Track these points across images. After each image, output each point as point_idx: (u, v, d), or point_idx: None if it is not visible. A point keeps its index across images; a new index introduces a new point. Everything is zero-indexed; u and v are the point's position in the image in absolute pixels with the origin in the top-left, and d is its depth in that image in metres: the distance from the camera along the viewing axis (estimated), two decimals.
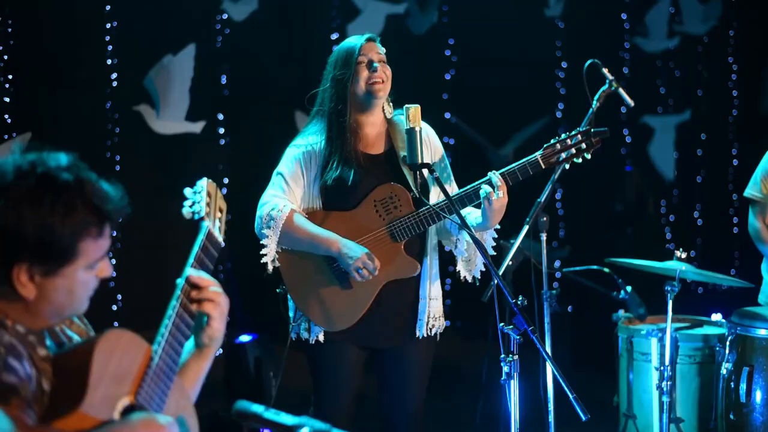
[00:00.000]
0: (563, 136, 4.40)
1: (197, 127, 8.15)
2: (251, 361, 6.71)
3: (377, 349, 4.55)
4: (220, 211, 2.79)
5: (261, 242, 4.35)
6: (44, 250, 2.33)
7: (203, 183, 2.75)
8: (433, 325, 4.55)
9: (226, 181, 8.54)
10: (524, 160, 4.37)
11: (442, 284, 4.64)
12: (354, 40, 4.48)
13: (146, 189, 7.93)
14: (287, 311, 4.53)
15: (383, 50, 4.50)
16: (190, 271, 2.60)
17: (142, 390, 2.42)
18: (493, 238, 4.59)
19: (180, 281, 2.58)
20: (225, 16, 8.46)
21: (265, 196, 4.41)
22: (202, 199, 2.70)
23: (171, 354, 2.51)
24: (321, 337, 4.42)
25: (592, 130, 4.41)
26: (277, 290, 4.51)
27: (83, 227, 2.37)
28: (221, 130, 8.58)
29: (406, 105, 4.19)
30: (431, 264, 4.53)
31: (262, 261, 4.34)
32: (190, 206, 2.69)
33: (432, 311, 4.54)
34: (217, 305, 2.65)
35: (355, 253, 4.27)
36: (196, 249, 2.65)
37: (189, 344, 2.66)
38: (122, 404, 2.38)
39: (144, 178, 8.11)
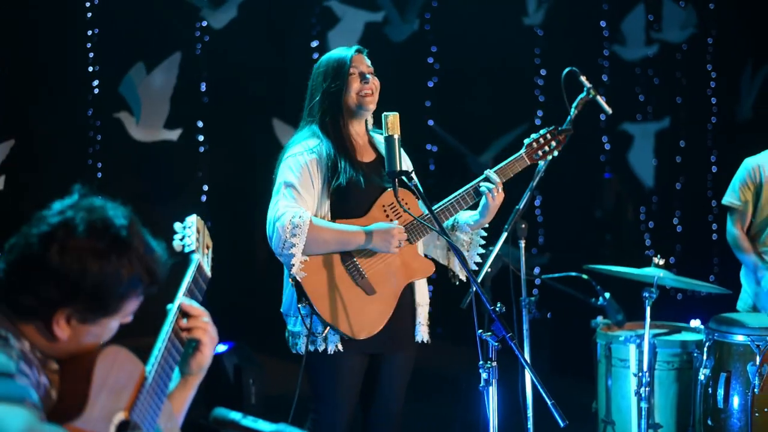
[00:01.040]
0: (534, 135, 4.66)
1: (174, 134, 8.15)
2: (230, 368, 6.71)
3: (376, 355, 4.55)
4: (207, 247, 2.86)
5: (287, 253, 4.22)
6: (94, 303, 2.41)
7: (193, 219, 2.83)
8: (425, 331, 4.58)
9: (205, 188, 8.54)
10: (510, 158, 4.61)
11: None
12: (343, 52, 4.49)
13: (128, 196, 7.87)
14: (311, 324, 4.41)
15: (370, 62, 4.53)
16: (183, 299, 2.64)
17: (137, 407, 2.45)
18: (482, 237, 4.67)
19: (171, 307, 2.63)
20: (204, 24, 8.46)
21: (279, 208, 4.29)
22: (192, 234, 2.78)
23: (163, 376, 2.56)
24: (340, 347, 4.38)
25: (559, 128, 4.68)
26: (298, 305, 4.34)
27: (135, 286, 2.46)
28: (200, 138, 8.58)
29: (385, 113, 4.19)
30: None
31: (291, 272, 4.25)
32: (180, 239, 2.76)
33: (426, 317, 4.60)
34: (208, 333, 2.68)
35: (389, 232, 4.28)
36: (187, 279, 2.70)
37: (174, 374, 2.69)
38: (118, 418, 2.41)
39: (125, 185, 8.10)
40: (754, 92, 10.48)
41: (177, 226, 2.80)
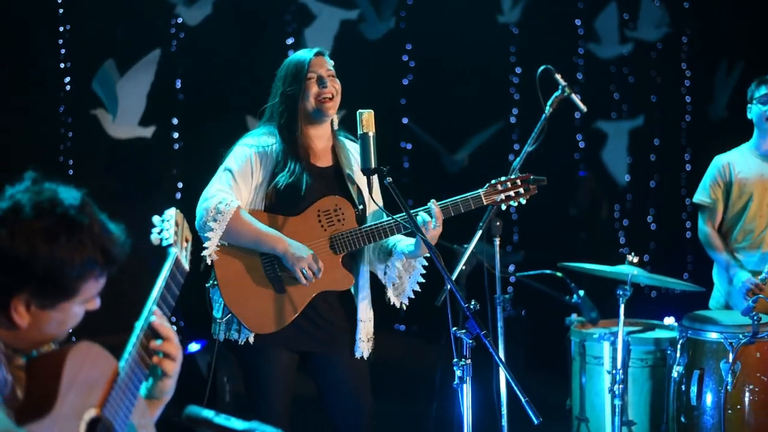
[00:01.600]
0: (504, 178, 4.54)
1: (148, 131, 8.11)
2: (204, 366, 6.69)
3: (309, 354, 4.54)
4: (186, 240, 2.83)
5: (203, 235, 4.28)
6: (49, 286, 2.38)
7: (172, 212, 2.81)
8: (368, 347, 4.57)
9: (179, 185, 8.50)
10: (467, 195, 4.46)
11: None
12: (303, 55, 4.49)
13: (100, 194, 7.81)
14: (212, 309, 4.49)
15: (332, 63, 4.52)
16: (155, 318, 2.60)
17: (109, 404, 2.43)
18: (424, 266, 4.62)
19: (139, 324, 2.59)
20: (179, 21, 8.42)
21: (211, 189, 4.36)
22: (170, 227, 2.76)
23: (136, 371, 2.53)
24: (251, 339, 4.40)
25: (532, 177, 4.57)
26: (206, 284, 4.48)
27: (90, 267, 2.42)
28: (175, 135, 8.54)
29: (360, 110, 4.19)
30: (365, 285, 4.56)
31: (202, 254, 4.29)
32: (159, 233, 2.73)
33: (367, 333, 4.57)
34: (175, 363, 2.65)
35: (302, 253, 4.28)
36: (164, 275, 2.68)
37: (141, 390, 2.67)
38: (89, 415, 2.38)
39: (97, 182, 8.05)
40: (728, 91, 10.52)
41: (155, 219, 2.78)
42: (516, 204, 4.55)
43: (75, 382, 2.36)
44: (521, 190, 4.53)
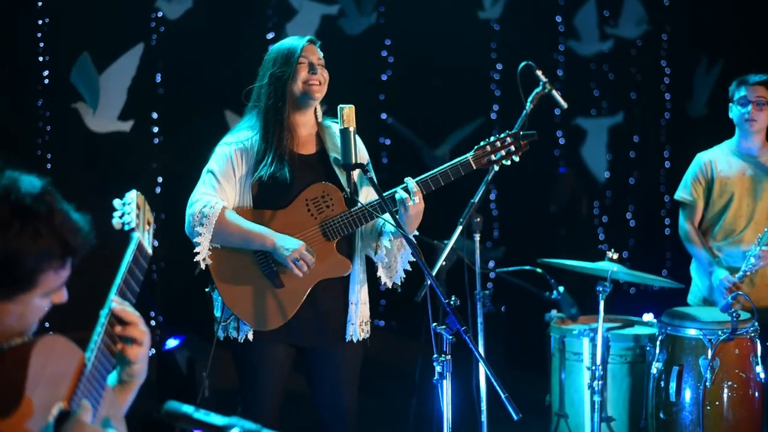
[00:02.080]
0: (493, 138, 4.44)
1: (127, 125, 8.08)
2: (182, 362, 6.67)
3: (305, 348, 4.53)
4: (149, 223, 2.77)
5: (194, 240, 4.29)
6: (4, 276, 2.32)
7: (132, 195, 2.73)
8: (362, 330, 4.55)
9: (159, 180, 8.48)
10: (455, 161, 4.40)
11: (378, 284, 4.64)
12: (295, 41, 4.48)
13: (78, 187, 7.83)
14: (216, 310, 4.49)
15: (322, 54, 4.51)
16: (114, 305, 2.56)
17: (76, 396, 2.40)
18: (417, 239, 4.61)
19: (104, 312, 2.56)
20: (160, 14, 8.39)
21: (196, 194, 4.36)
22: (132, 211, 2.68)
23: (103, 361, 2.49)
24: (250, 336, 4.40)
25: (521, 133, 4.47)
26: (206, 289, 4.49)
27: (47, 258, 2.35)
28: (155, 129, 8.52)
29: (340, 105, 4.18)
30: (359, 267, 4.53)
31: (195, 259, 4.30)
32: (120, 217, 2.68)
33: (361, 315, 4.54)
34: (141, 347, 2.61)
35: (291, 245, 4.26)
36: (127, 260, 2.63)
37: (112, 376, 2.64)
38: (57, 409, 2.35)
39: (76, 176, 8.02)
40: (708, 89, 10.55)
41: (116, 202, 2.70)
42: (509, 162, 4.44)
43: (41, 377, 2.31)
44: (512, 147, 4.43)
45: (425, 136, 9.88)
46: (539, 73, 4.92)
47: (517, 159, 4.45)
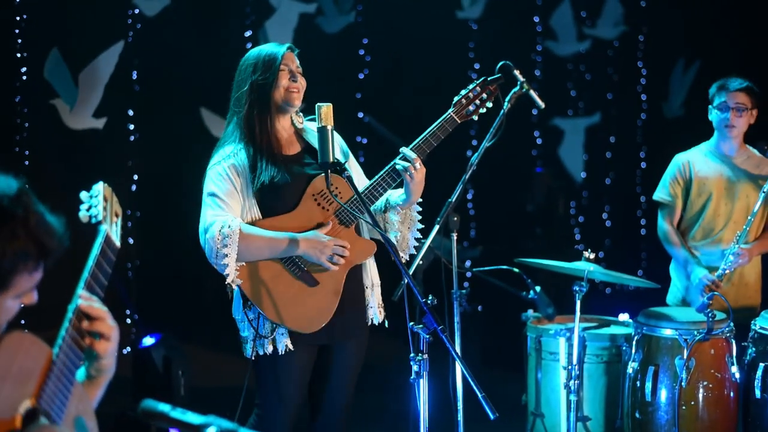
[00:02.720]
0: (464, 91, 4.61)
1: (100, 123, 8.05)
2: (158, 360, 6.65)
3: (327, 345, 4.52)
4: (116, 215, 2.74)
5: (220, 263, 4.20)
6: None
7: (99, 187, 2.70)
8: (381, 312, 4.58)
9: (135, 177, 8.45)
10: (439, 120, 4.54)
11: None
12: (275, 48, 4.46)
13: (55, 184, 7.80)
14: (240, 331, 4.43)
15: (299, 62, 4.51)
16: (81, 300, 2.55)
17: (44, 393, 2.38)
18: (418, 218, 4.63)
19: (71, 306, 2.54)
20: (137, 11, 8.36)
21: (206, 219, 4.28)
22: (99, 203, 2.66)
23: (71, 357, 2.47)
24: (290, 345, 4.35)
25: (488, 78, 4.64)
26: (235, 315, 4.42)
27: (23, 259, 2.34)
28: (131, 127, 8.49)
29: (318, 104, 4.17)
30: None
31: (228, 281, 4.24)
32: (87, 210, 2.65)
33: (377, 297, 4.58)
34: (109, 342, 2.59)
35: (321, 241, 4.26)
36: (95, 253, 2.61)
37: (80, 371, 2.62)
38: (24, 407, 2.34)
39: (53, 173, 7.99)
40: (684, 90, 10.60)
41: (83, 195, 2.68)
42: (484, 111, 4.60)
43: (8, 374, 2.30)
44: (484, 95, 4.59)
45: (402, 134, 9.87)
46: (517, 72, 4.91)
47: (490, 105, 4.62)
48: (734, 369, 5.25)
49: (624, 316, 5.84)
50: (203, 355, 4.45)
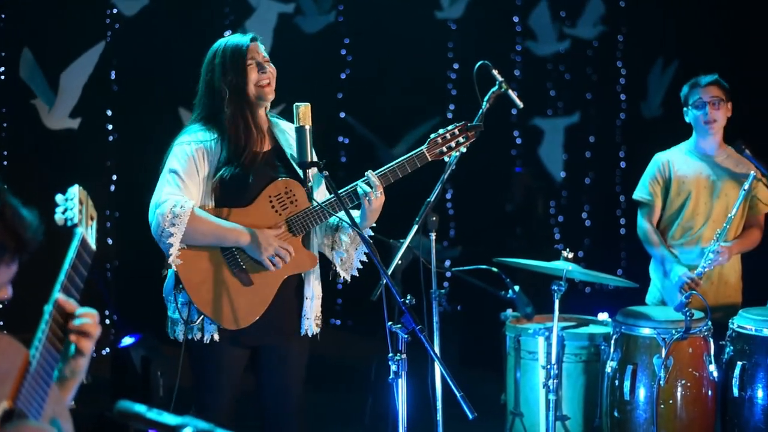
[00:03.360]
0: (443, 130, 4.54)
1: (75, 123, 8.02)
2: (137, 361, 6.63)
3: (262, 347, 4.52)
4: (92, 218, 2.74)
5: (165, 242, 4.22)
6: None
7: (75, 190, 2.70)
8: (316, 324, 4.55)
9: (114, 177, 8.43)
10: (411, 153, 4.47)
11: (335, 283, 4.64)
12: (238, 42, 4.44)
13: (35, 185, 7.77)
14: (188, 313, 4.43)
15: (263, 48, 4.50)
16: (59, 296, 2.54)
17: (21, 395, 2.37)
18: (370, 236, 4.60)
19: (48, 308, 2.53)
20: (115, 11, 8.34)
21: (161, 194, 4.28)
22: (74, 206, 2.66)
23: (48, 359, 2.47)
24: (216, 336, 4.37)
25: (468, 124, 4.58)
26: (165, 293, 4.43)
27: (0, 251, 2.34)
28: (110, 127, 8.46)
29: (296, 103, 4.17)
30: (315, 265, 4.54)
31: (169, 260, 4.23)
32: (63, 213, 2.65)
33: (315, 310, 4.54)
34: (88, 339, 2.59)
35: (267, 241, 4.26)
36: (71, 255, 2.61)
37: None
38: (1, 407, 2.33)
39: (33, 173, 7.96)
40: (663, 89, 10.63)
41: (58, 198, 2.68)
42: (458, 154, 4.55)
43: None
44: (461, 139, 4.54)
45: (383, 134, 9.89)
46: (495, 72, 4.92)
47: (464, 150, 4.56)
48: (712, 368, 5.27)
49: (603, 316, 5.85)
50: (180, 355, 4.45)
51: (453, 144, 4.52)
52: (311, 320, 4.51)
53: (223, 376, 4.46)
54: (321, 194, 4.49)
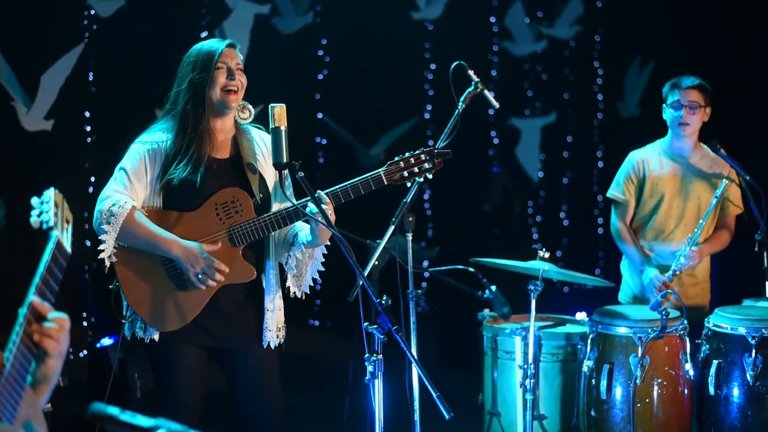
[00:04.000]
0: (408, 154, 4.38)
1: (48, 124, 7.99)
2: (115, 363, 6.61)
3: (220, 349, 4.51)
4: (67, 221, 2.74)
5: (99, 237, 4.25)
6: None
7: (50, 193, 2.70)
8: (278, 336, 4.53)
9: (92, 179, 8.40)
10: (366, 175, 4.34)
11: (312, 286, 4.60)
12: (214, 44, 4.44)
13: (13, 186, 7.75)
14: (119, 309, 4.45)
15: (241, 57, 4.48)
16: (34, 299, 2.54)
17: None
18: (324, 254, 4.56)
19: (22, 311, 2.53)
20: (92, 12, 8.32)
21: (107, 190, 4.31)
22: (50, 209, 2.66)
23: (22, 361, 2.46)
24: (156, 337, 4.37)
25: (436, 150, 4.40)
26: (110, 286, 4.44)
27: None
28: (88, 128, 8.44)
29: (271, 104, 4.16)
30: (273, 274, 4.50)
31: (99, 257, 4.26)
32: (38, 216, 2.65)
33: (277, 322, 4.52)
34: (57, 343, 2.58)
35: (195, 259, 4.25)
36: (46, 259, 2.60)
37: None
38: None
39: (10, 175, 7.93)
40: (640, 89, 10.67)
41: (34, 201, 2.68)
42: (421, 179, 4.40)
43: None
44: (426, 165, 4.36)
45: (360, 135, 9.90)
46: (471, 72, 4.93)
47: (430, 177, 4.41)
48: (688, 366, 5.29)
49: (581, 315, 5.86)
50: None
51: (416, 169, 4.36)
52: (273, 332, 4.49)
53: (174, 375, 4.44)
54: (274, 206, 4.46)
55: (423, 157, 4.37)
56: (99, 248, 4.25)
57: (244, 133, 4.52)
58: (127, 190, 4.30)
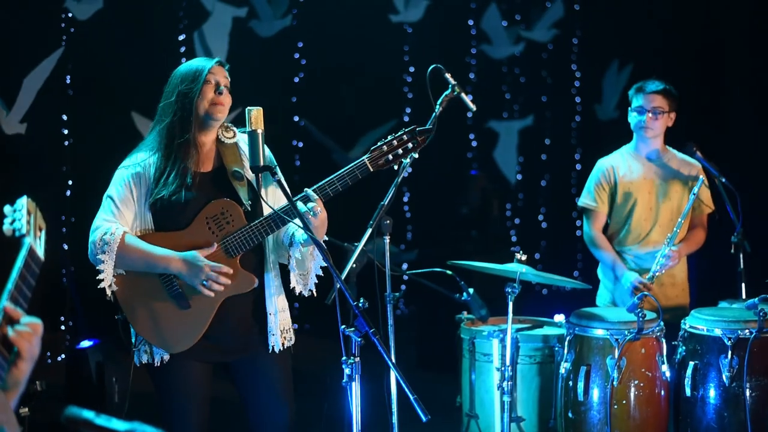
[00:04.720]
0: (390, 137, 4.39)
1: (22, 128, 7.97)
2: (93, 366, 6.60)
3: (227, 363, 4.50)
4: (40, 229, 2.74)
5: (97, 268, 4.24)
6: None
7: (23, 201, 2.71)
8: (285, 338, 4.53)
9: (70, 182, 8.38)
10: (350, 165, 4.34)
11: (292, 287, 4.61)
12: (203, 61, 4.43)
13: None
14: (128, 338, 4.44)
15: (229, 78, 4.47)
16: (7, 305, 2.54)
17: None
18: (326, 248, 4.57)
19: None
20: (70, 15, 8.30)
21: (97, 220, 4.32)
22: (22, 217, 2.66)
23: None
24: (166, 358, 4.36)
25: (417, 129, 4.41)
26: (116, 317, 4.43)
27: None
28: (65, 131, 8.41)
29: (248, 107, 4.16)
30: (273, 277, 4.50)
31: (99, 286, 4.25)
32: (11, 223, 2.65)
33: (282, 324, 4.52)
34: (30, 344, 2.58)
35: (197, 267, 4.24)
36: (19, 265, 2.60)
37: None
38: None
39: None
40: (617, 92, 10.70)
41: (6, 209, 2.69)
42: (408, 160, 4.40)
43: None
44: (409, 144, 4.35)
45: (338, 138, 9.90)
46: (448, 75, 4.93)
47: (416, 156, 4.41)
48: (665, 368, 5.32)
49: (560, 317, 5.88)
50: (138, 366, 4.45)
51: (400, 150, 4.35)
52: (277, 336, 4.48)
53: (183, 396, 4.44)
54: (271, 201, 4.45)
55: (405, 137, 4.37)
56: (98, 278, 4.24)
57: (230, 145, 4.50)
58: (116, 217, 4.30)
